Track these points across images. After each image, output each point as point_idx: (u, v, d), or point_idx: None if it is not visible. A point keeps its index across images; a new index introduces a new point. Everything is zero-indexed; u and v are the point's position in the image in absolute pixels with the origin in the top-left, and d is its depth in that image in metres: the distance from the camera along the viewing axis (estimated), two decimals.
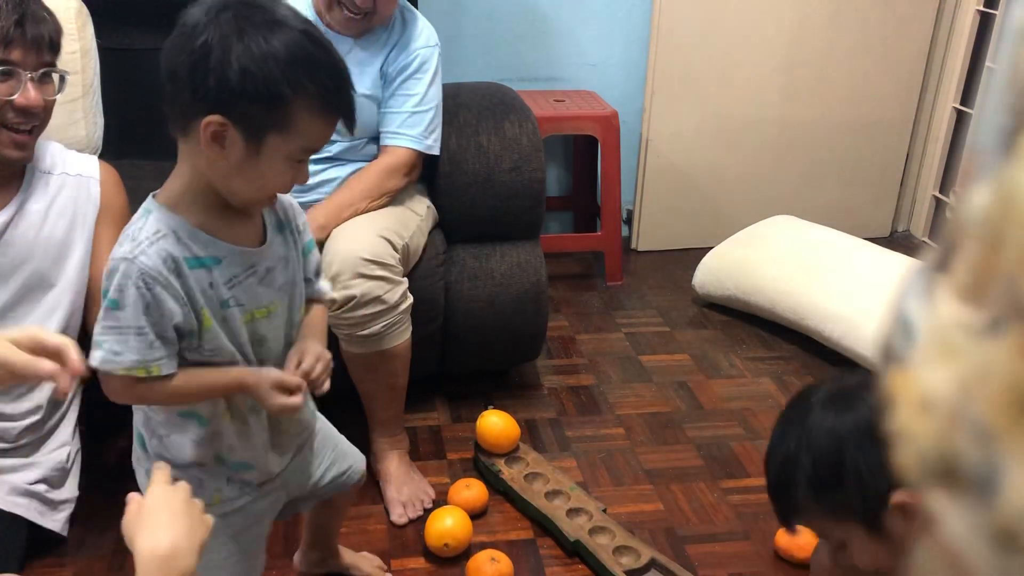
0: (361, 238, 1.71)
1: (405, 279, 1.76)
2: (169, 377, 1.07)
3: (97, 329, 1.05)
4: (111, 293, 1.03)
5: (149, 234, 1.04)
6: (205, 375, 1.10)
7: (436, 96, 1.92)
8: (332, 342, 1.70)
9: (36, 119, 1.45)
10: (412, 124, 1.88)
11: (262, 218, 1.15)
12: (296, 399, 1.12)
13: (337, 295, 1.62)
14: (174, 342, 1.06)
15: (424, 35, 1.91)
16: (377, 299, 1.68)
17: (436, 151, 1.95)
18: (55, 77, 1.47)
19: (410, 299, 1.76)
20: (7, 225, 1.49)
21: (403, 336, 1.76)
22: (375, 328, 1.70)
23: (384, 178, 1.84)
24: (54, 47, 1.45)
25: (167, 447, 1.16)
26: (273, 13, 1.01)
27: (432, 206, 2.01)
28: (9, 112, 1.41)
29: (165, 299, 1.03)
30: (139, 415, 1.18)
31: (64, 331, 1.55)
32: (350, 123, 1.06)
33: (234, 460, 1.19)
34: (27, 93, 1.40)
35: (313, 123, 1.03)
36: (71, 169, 1.58)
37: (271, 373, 1.12)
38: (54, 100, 1.48)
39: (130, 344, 1.03)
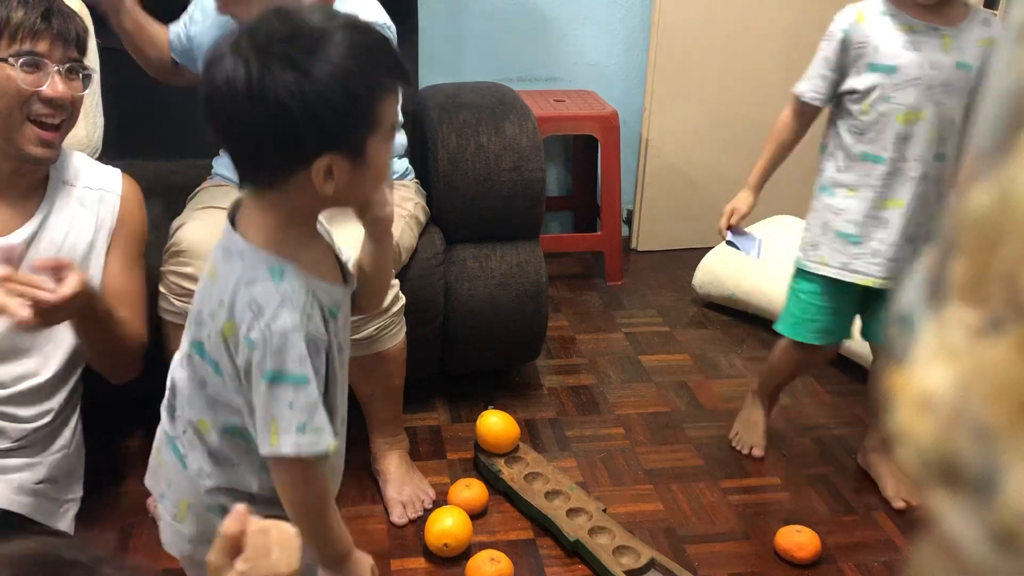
0: (347, 245, 1.69)
1: (396, 281, 1.75)
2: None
3: (274, 411, 0.96)
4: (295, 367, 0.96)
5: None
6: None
7: None
8: None
9: (64, 112, 1.44)
10: None
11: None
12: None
13: None
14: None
15: (369, 15, 1.70)
16: None
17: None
18: (81, 75, 1.47)
19: (402, 300, 1.75)
20: (30, 243, 1.47)
21: (397, 338, 1.75)
22: (367, 331, 1.69)
23: None
24: (81, 44, 1.45)
25: (237, 476, 1.09)
26: (308, 27, 0.91)
27: (420, 201, 1.98)
28: (36, 104, 1.40)
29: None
30: (200, 452, 1.08)
31: (79, 350, 1.54)
32: (408, 81, 1.00)
33: None
34: (55, 85, 1.40)
35: (393, 103, 0.97)
36: (93, 183, 1.56)
37: (369, 561, 1.10)
38: (81, 97, 1.47)
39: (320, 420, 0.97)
